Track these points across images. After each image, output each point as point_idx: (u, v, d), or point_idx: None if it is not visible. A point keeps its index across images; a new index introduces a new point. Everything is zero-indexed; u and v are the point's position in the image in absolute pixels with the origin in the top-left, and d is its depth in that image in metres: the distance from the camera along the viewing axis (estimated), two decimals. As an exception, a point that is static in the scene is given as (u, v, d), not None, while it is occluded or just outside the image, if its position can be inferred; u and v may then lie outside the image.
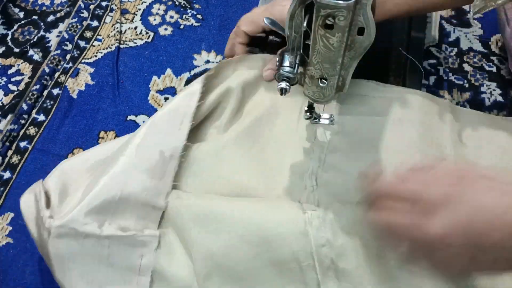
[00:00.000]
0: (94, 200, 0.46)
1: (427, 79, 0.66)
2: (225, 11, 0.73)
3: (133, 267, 0.48)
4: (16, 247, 0.56)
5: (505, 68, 0.66)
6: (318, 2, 0.35)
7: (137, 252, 0.47)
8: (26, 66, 0.69)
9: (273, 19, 0.51)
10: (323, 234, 0.45)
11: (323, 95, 0.47)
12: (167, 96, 0.66)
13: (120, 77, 0.68)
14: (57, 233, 0.46)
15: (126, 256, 0.47)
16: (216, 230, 0.46)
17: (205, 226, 0.47)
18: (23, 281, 0.54)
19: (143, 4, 0.74)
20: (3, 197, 0.59)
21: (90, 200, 0.46)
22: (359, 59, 0.42)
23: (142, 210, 0.48)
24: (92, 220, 0.46)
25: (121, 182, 0.46)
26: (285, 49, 0.43)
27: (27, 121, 0.64)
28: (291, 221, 0.45)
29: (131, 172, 0.47)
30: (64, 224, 0.45)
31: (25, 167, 0.61)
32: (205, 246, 0.46)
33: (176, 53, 0.69)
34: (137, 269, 0.48)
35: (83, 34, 0.71)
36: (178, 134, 0.49)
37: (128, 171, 0.47)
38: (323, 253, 0.45)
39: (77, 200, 0.47)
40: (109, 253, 0.47)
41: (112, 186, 0.46)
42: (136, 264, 0.48)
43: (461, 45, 0.69)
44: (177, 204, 0.48)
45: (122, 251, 0.47)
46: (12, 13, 0.74)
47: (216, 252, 0.46)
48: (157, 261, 0.48)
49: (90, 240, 0.46)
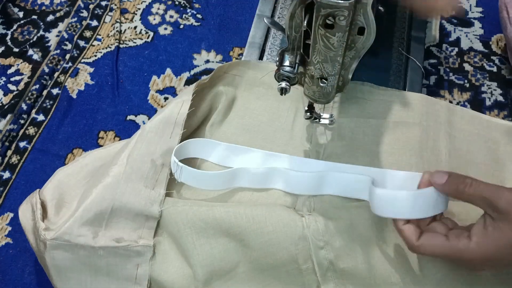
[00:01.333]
0: (87, 212, 0.46)
1: (428, 79, 0.66)
2: (225, 11, 0.73)
3: (129, 277, 0.47)
4: (16, 247, 0.56)
5: (505, 68, 0.66)
6: (318, 1, 0.34)
7: (132, 262, 0.47)
8: (25, 66, 0.69)
9: (273, 19, 0.51)
10: (321, 237, 0.45)
11: (323, 95, 0.47)
12: (167, 96, 0.66)
13: (119, 77, 0.67)
14: (52, 245, 0.46)
15: (122, 266, 0.47)
16: (214, 235, 0.46)
17: (202, 232, 0.46)
18: (23, 281, 0.54)
19: (142, 3, 0.74)
20: (2, 197, 0.59)
21: (83, 212, 0.46)
22: (360, 59, 0.42)
23: (136, 220, 0.48)
24: (86, 231, 0.46)
25: (113, 193, 0.46)
26: (285, 49, 0.43)
27: (26, 121, 0.64)
28: (289, 225, 0.45)
29: (123, 182, 0.47)
30: (58, 236, 0.45)
31: (24, 167, 0.61)
32: (204, 252, 0.46)
33: (176, 52, 0.69)
34: (134, 279, 0.47)
35: (82, 34, 0.71)
36: (169, 142, 0.49)
37: (120, 181, 0.47)
38: (322, 256, 0.45)
39: (72, 211, 0.47)
40: (105, 263, 0.47)
41: (104, 197, 0.46)
42: (132, 274, 0.47)
43: (461, 44, 0.69)
44: (172, 211, 0.48)
45: (118, 261, 0.47)
46: (12, 12, 0.74)
47: (215, 257, 0.46)
48: (153, 270, 0.47)
49: (85, 251, 0.46)
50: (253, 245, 0.46)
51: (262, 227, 0.46)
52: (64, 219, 0.47)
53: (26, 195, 0.58)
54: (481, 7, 0.72)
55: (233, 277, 0.46)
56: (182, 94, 0.53)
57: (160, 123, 0.50)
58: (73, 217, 0.46)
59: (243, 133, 0.55)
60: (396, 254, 0.45)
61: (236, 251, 0.46)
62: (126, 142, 0.51)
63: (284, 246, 0.45)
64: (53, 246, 0.46)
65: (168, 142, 0.49)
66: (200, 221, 0.47)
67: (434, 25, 0.69)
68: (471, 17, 0.71)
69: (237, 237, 0.46)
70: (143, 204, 0.47)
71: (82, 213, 0.46)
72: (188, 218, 0.47)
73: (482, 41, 0.69)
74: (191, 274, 0.47)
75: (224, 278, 0.46)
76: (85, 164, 0.53)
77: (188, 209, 0.47)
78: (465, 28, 0.70)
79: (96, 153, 0.55)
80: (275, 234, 0.45)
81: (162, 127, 0.50)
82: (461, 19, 0.71)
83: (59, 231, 0.45)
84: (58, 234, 0.45)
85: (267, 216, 0.46)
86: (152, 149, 0.49)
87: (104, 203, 0.46)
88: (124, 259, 0.47)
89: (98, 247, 0.46)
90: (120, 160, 0.48)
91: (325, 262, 0.45)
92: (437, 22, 0.69)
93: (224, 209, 0.47)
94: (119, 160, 0.48)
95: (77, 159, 0.55)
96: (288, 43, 0.42)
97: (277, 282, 0.46)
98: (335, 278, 0.45)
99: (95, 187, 0.47)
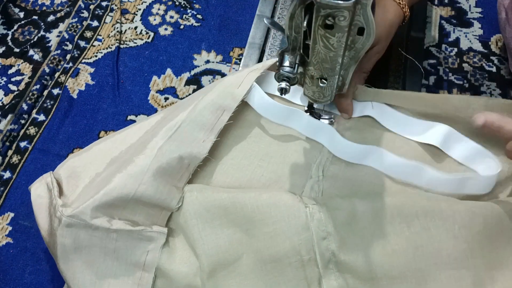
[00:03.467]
0: (107, 197, 0.46)
1: (427, 79, 0.66)
2: (225, 11, 0.73)
3: (138, 263, 0.48)
4: (16, 247, 0.56)
5: (505, 68, 0.66)
6: (318, 2, 0.35)
7: (143, 248, 0.48)
8: (26, 66, 0.69)
9: (273, 20, 0.51)
10: (324, 227, 0.46)
11: (323, 95, 0.47)
12: (167, 96, 0.66)
13: (120, 77, 0.68)
14: (67, 223, 0.46)
15: (132, 251, 0.48)
16: (220, 225, 0.47)
17: (208, 222, 0.47)
18: (23, 281, 0.54)
19: (143, 4, 0.74)
20: (3, 197, 0.59)
21: (103, 196, 0.46)
22: (359, 59, 0.42)
23: (152, 210, 0.48)
24: (102, 214, 0.47)
25: (136, 182, 0.47)
26: (285, 49, 0.43)
27: (27, 121, 0.64)
28: (293, 216, 0.46)
29: (148, 175, 0.47)
30: (75, 214, 0.46)
31: (25, 167, 0.61)
32: (210, 242, 0.47)
33: (176, 53, 0.69)
34: (142, 265, 0.48)
35: (83, 34, 0.71)
36: (201, 146, 0.49)
37: (146, 172, 0.47)
38: (324, 246, 0.45)
39: (90, 192, 0.48)
40: (116, 247, 0.47)
41: (126, 185, 0.46)
42: (141, 260, 0.48)
43: (461, 45, 0.69)
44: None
45: (129, 246, 0.48)
46: (12, 13, 0.74)
47: (220, 247, 0.46)
48: (160, 258, 0.48)
49: (99, 233, 0.47)
50: (258, 235, 0.46)
51: (267, 217, 0.46)
52: (81, 200, 0.47)
53: (27, 195, 0.59)
54: (480, 8, 0.72)
55: (237, 269, 0.47)
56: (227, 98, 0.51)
57: (197, 124, 0.50)
58: (92, 198, 0.46)
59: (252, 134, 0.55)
60: (397, 248, 0.45)
61: (241, 242, 0.47)
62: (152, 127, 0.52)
63: (287, 236, 0.46)
64: (67, 223, 0.46)
65: (199, 146, 0.49)
66: (206, 212, 0.47)
67: (433, 25, 0.69)
68: (470, 17, 0.71)
69: (242, 227, 0.47)
70: (163, 199, 0.47)
71: (102, 196, 0.46)
72: (195, 208, 0.47)
73: (481, 41, 0.69)
74: (196, 264, 0.48)
75: (228, 269, 0.47)
76: (98, 150, 0.53)
77: (194, 200, 0.48)
78: (465, 28, 0.70)
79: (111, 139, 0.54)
80: (279, 224, 0.46)
81: (199, 129, 0.50)
82: (461, 20, 0.71)
83: (76, 209, 0.46)
84: (76, 212, 0.46)
85: (271, 207, 0.46)
86: (183, 149, 0.49)
87: (125, 190, 0.46)
88: (136, 243, 0.48)
89: (113, 230, 0.47)
90: (149, 149, 0.48)
91: (327, 253, 0.45)
92: (437, 23, 0.69)
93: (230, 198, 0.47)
94: (148, 149, 0.48)
95: (89, 146, 0.55)
96: (288, 43, 0.42)
97: (280, 276, 0.46)
98: (337, 271, 0.46)
99: (119, 173, 0.47)
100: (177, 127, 0.49)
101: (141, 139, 0.53)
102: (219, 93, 0.50)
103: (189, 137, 0.49)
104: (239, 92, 0.51)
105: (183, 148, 0.48)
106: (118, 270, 0.48)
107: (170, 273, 0.48)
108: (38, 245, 0.56)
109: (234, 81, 0.52)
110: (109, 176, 0.48)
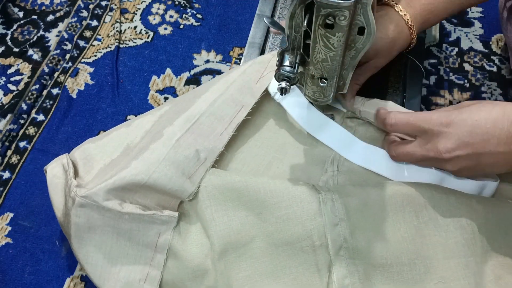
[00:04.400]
0: (120, 180, 0.46)
1: (428, 78, 0.66)
2: (225, 11, 0.73)
3: (150, 244, 0.48)
4: (16, 247, 0.56)
5: (505, 68, 0.66)
6: (318, 1, 0.34)
7: (155, 229, 0.48)
8: (25, 66, 0.69)
9: (273, 19, 0.51)
10: (336, 213, 0.46)
11: (323, 95, 0.47)
12: (167, 96, 0.66)
13: (119, 77, 0.67)
14: (81, 203, 0.47)
15: (144, 233, 0.48)
16: (233, 208, 0.47)
17: (221, 205, 0.47)
18: (23, 281, 0.54)
19: (142, 3, 0.74)
20: (2, 197, 0.59)
21: (116, 179, 0.46)
22: (360, 59, 0.42)
23: (163, 198, 0.49)
24: (114, 197, 0.47)
25: (150, 170, 0.47)
26: (285, 49, 0.43)
27: (26, 121, 0.64)
28: (306, 201, 0.46)
29: (164, 164, 0.47)
30: (88, 195, 0.46)
31: (24, 167, 0.61)
32: (222, 223, 0.47)
33: (176, 52, 0.69)
34: (154, 246, 0.48)
35: (82, 34, 0.71)
36: (218, 140, 0.49)
37: (161, 162, 0.47)
38: (336, 232, 0.46)
39: (105, 176, 0.48)
40: (129, 228, 0.48)
41: (141, 171, 0.47)
42: (153, 241, 0.48)
43: (461, 44, 0.69)
44: None
45: (141, 228, 0.48)
46: (12, 12, 0.74)
47: (232, 229, 0.46)
48: (172, 238, 0.48)
49: (111, 214, 0.47)
50: (270, 219, 0.46)
51: (280, 201, 0.46)
52: (96, 181, 0.48)
53: (26, 195, 0.58)
54: (481, 7, 0.72)
55: (248, 251, 0.47)
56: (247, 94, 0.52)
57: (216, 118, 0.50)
58: (105, 181, 0.46)
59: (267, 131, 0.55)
60: (406, 236, 0.46)
61: (253, 225, 0.47)
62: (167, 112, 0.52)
63: (300, 221, 0.46)
64: (81, 204, 0.47)
65: (217, 139, 0.49)
66: (219, 194, 0.47)
67: (434, 25, 0.69)
68: (471, 17, 0.71)
69: (255, 210, 0.47)
70: (175, 189, 0.47)
71: (115, 180, 0.46)
72: (208, 190, 0.47)
73: (482, 41, 0.69)
74: (207, 244, 0.48)
75: (240, 251, 0.47)
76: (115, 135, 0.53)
77: (208, 183, 0.48)
78: (465, 28, 0.70)
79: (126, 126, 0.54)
80: (292, 209, 0.46)
81: (217, 123, 0.50)
82: (461, 19, 0.71)
83: (90, 190, 0.46)
84: (89, 193, 0.46)
85: (284, 191, 0.47)
86: (200, 141, 0.49)
87: (139, 176, 0.46)
88: (148, 225, 0.48)
89: (125, 212, 0.47)
90: (165, 138, 0.49)
91: (339, 239, 0.46)
92: (437, 22, 0.69)
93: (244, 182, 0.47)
94: (164, 137, 0.49)
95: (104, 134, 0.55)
96: (288, 43, 0.42)
97: (290, 260, 0.46)
98: (348, 258, 0.46)
99: (135, 160, 0.47)
100: (196, 119, 0.50)
101: (156, 125, 0.53)
102: (240, 88, 0.51)
103: (207, 129, 0.50)
104: (257, 89, 0.52)
105: (200, 141, 0.49)
106: (131, 250, 0.48)
107: (181, 253, 0.48)
108: (38, 245, 0.56)
109: (253, 75, 0.52)
110: (124, 162, 0.48)
